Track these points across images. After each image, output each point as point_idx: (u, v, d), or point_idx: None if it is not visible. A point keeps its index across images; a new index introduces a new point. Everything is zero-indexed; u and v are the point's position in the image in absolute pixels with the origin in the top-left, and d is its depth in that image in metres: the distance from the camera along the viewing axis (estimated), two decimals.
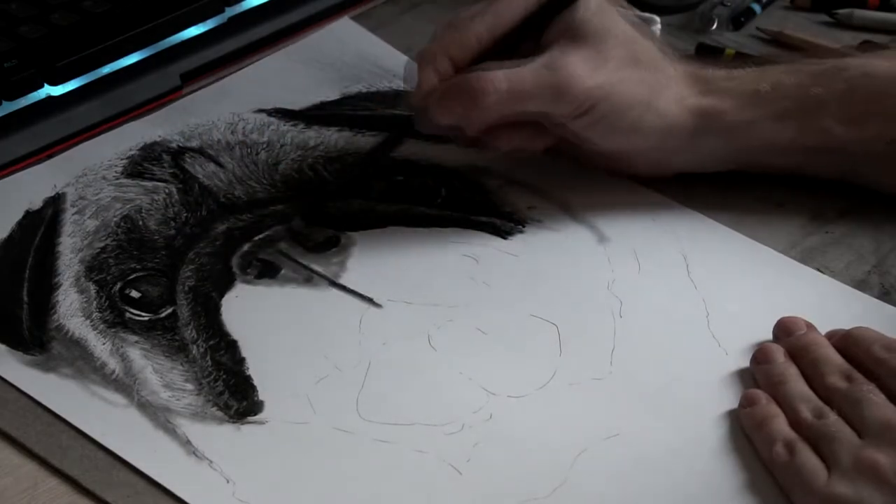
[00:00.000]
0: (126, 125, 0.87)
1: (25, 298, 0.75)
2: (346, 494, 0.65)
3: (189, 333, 0.73)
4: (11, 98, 0.85)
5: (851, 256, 0.79)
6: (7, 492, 0.65)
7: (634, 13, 0.83)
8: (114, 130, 0.87)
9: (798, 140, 0.80)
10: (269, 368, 0.71)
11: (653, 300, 0.76)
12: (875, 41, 0.95)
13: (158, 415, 0.68)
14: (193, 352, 0.72)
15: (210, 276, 0.76)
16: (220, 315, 0.74)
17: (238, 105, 0.89)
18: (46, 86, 0.86)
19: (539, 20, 0.78)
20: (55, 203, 0.81)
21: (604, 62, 0.77)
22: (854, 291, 0.76)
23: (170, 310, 0.74)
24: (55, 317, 0.73)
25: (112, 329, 0.73)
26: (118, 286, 0.75)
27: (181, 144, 0.85)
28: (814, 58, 0.82)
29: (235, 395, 0.69)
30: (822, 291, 0.77)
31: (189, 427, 0.68)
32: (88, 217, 0.80)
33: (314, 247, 0.78)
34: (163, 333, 0.73)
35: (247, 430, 0.68)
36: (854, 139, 0.79)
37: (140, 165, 0.84)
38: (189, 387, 0.70)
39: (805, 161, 0.81)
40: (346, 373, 0.71)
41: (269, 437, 0.67)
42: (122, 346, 0.72)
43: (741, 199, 0.82)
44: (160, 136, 0.86)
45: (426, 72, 0.78)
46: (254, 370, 0.71)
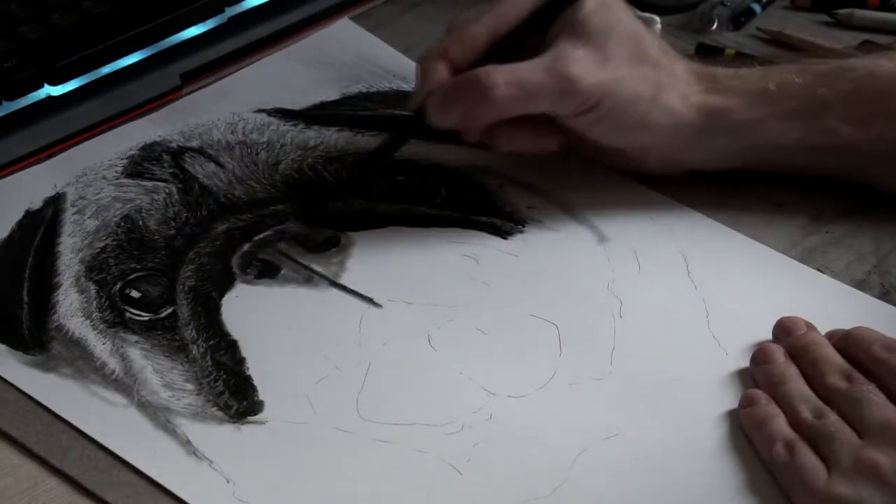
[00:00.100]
0: (126, 125, 0.87)
1: (25, 298, 0.75)
2: (346, 494, 0.65)
3: (189, 333, 0.73)
4: (11, 98, 0.85)
5: (851, 256, 0.79)
6: (7, 492, 0.65)
7: (634, 13, 0.83)
8: (114, 130, 0.87)
9: (805, 140, 0.80)
10: (270, 368, 0.71)
11: (653, 300, 0.76)
12: (875, 41, 0.95)
13: (158, 415, 0.68)
14: (193, 352, 0.72)
15: (210, 276, 0.76)
16: (220, 315, 0.74)
17: (238, 105, 0.89)
18: (46, 86, 0.86)
19: (541, 20, 0.78)
20: (55, 203, 0.81)
21: (607, 59, 0.77)
22: (854, 291, 0.76)
23: (170, 310, 0.74)
24: (55, 317, 0.73)
25: (112, 329, 0.73)
26: (118, 286, 0.75)
27: (181, 144, 0.85)
28: (818, 58, 0.82)
29: (235, 395, 0.69)
30: (822, 291, 0.77)
31: (189, 427, 0.67)
32: (88, 217, 0.80)
33: (314, 247, 0.78)
34: (163, 333, 0.73)
35: (247, 430, 0.68)
36: (860, 139, 0.79)
37: (140, 165, 0.84)
38: (189, 387, 0.70)
39: (812, 161, 0.81)
40: (346, 373, 0.71)
41: (269, 437, 0.67)
42: (122, 346, 0.72)
43: (741, 199, 0.82)
44: (160, 136, 0.86)
45: (432, 68, 0.78)
46: (254, 370, 0.71)
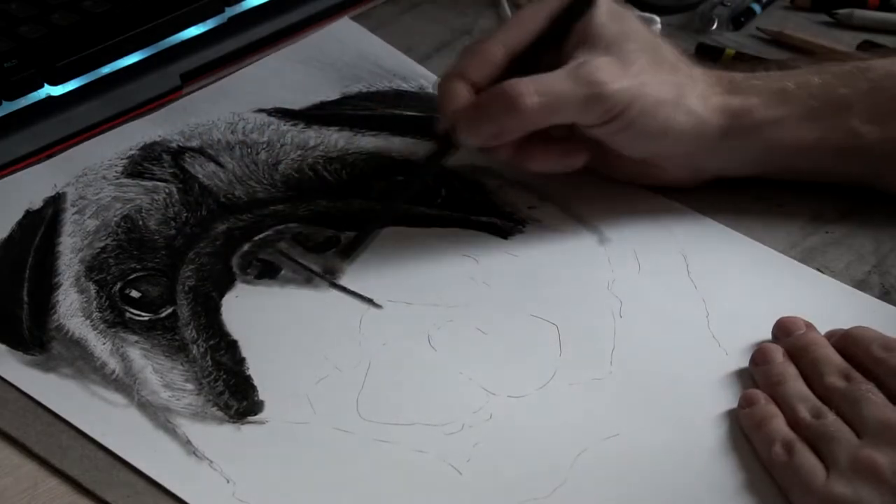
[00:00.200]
0: (126, 125, 0.87)
1: (25, 298, 0.75)
2: (347, 494, 0.65)
3: (189, 333, 0.73)
4: (11, 98, 0.85)
5: (851, 256, 0.79)
6: (7, 492, 0.65)
7: (634, 13, 0.83)
8: (114, 130, 0.87)
9: (825, 140, 0.79)
10: (270, 368, 0.71)
11: (653, 300, 0.76)
12: (875, 41, 0.95)
13: (158, 415, 0.68)
14: (193, 352, 0.72)
15: (210, 276, 0.76)
16: (220, 315, 0.74)
17: (238, 105, 0.89)
18: (46, 86, 0.86)
19: (554, 36, 0.77)
20: (55, 203, 0.81)
21: (629, 65, 0.76)
22: (854, 291, 0.76)
23: (170, 310, 0.74)
24: (55, 317, 0.73)
25: (112, 329, 0.73)
26: (118, 286, 0.75)
27: (181, 144, 0.85)
28: (834, 60, 0.82)
29: (235, 395, 0.69)
30: (822, 291, 0.77)
31: (189, 427, 0.68)
32: (88, 217, 0.80)
33: (314, 247, 0.78)
34: (163, 333, 0.73)
35: (247, 430, 0.68)
36: (879, 139, 0.79)
37: (140, 165, 0.84)
38: (189, 387, 0.70)
39: (831, 164, 0.80)
40: (346, 373, 0.71)
41: (269, 437, 0.67)
42: (122, 346, 0.72)
43: (741, 199, 0.82)
44: (160, 136, 0.86)
45: (454, 88, 0.77)
46: (254, 370, 0.71)
